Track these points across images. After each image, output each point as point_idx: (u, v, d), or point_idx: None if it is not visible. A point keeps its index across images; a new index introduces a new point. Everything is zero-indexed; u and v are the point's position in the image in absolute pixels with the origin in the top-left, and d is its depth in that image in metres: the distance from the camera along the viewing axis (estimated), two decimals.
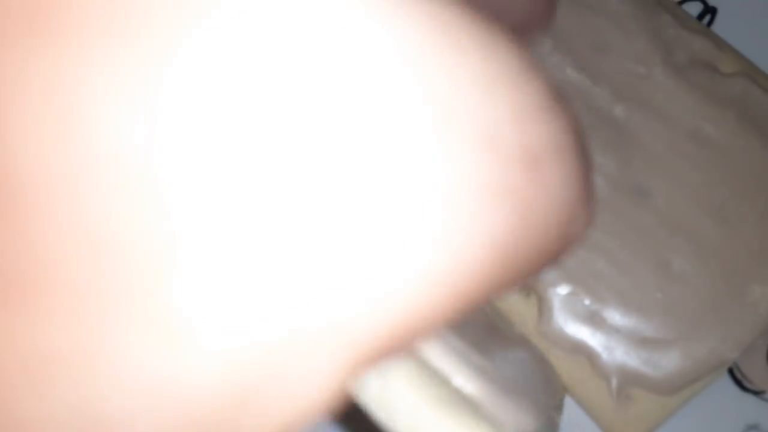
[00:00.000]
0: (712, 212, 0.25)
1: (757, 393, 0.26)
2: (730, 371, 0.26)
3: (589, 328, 0.25)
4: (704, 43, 0.26)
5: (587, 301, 0.25)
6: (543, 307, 0.25)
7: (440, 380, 0.13)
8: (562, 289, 0.25)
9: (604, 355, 0.25)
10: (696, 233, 0.25)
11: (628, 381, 0.25)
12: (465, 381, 0.14)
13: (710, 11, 0.29)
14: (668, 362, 0.24)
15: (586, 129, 0.24)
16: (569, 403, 0.25)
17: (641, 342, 0.24)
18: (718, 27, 0.28)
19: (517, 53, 0.08)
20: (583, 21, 0.27)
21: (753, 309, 0.24)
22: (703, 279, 0.24)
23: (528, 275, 0.09)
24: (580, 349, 0.25)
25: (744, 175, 0.25)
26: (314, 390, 0.08)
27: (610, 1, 0.27)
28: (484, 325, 0.18)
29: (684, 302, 0.24)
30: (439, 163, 0.07)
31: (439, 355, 0.14)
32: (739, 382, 0.26)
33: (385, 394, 0.13)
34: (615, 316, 0.25)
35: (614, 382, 0.25)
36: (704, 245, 0.25)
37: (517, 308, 0.26)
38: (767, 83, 0.26)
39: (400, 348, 0.09)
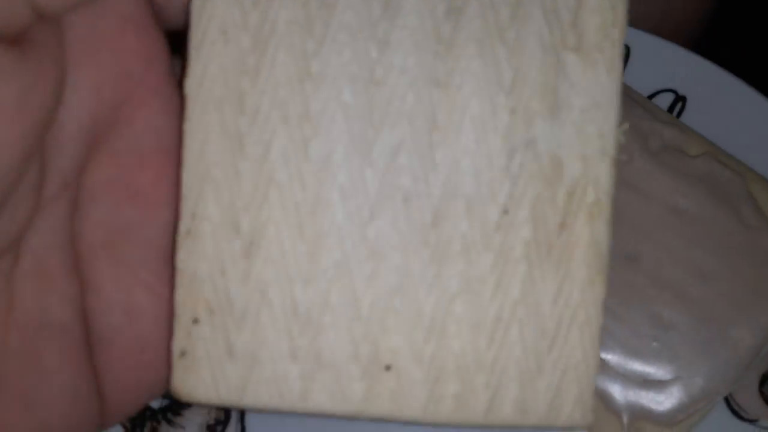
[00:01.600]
0: (693, 271, 0.30)
1: (752, 421, 0.30)
2: (727, 402, 0.30)
3: (600, 373, 0.30)
4: (673, 131, 0.32)
5: None
6: None
7: None
8: None
9: (615, 395, 0.30)
10: (681, 289, 0.30)
11: (637, 416, 0.29)
12: None
13: (681, 99, 0.34)
14: (668, 399, 0.29)
15: None
16: None
17: (644, 383, 0.29)
18: (688, 112, 0.34)
19: None
20: None
21: (734, 349, 0.29)
22: (690, 327, 0.29)
23: None
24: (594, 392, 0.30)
25: (716, 238, 0.30)
26: None
27: None
28: None
29: (676, 348, 0.29)
30: None
31: None
32: (735, 412, 0.30)
33: None
34: (620, 363, 0.30)
35: (625, 418, 0.29)
36: (689, 299, 0.30)
37: None
38: (728, 160, 0.31)
39: None
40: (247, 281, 0.20)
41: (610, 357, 0.30)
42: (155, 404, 0.30)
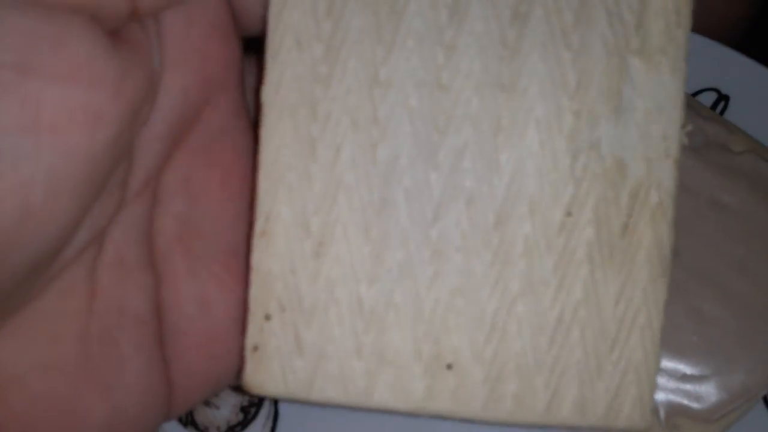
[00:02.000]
0: (734, 266, 0.30)
1: None
2: (765, 401, 0.31)
3: None
4: (717, 128, 0.32)
5: None
6: None
7: None
8: None
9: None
10: (721, 284, 0.30)
11: (674, 412, 0.29)
12: None
13: (724, 98, 0.34)
14: (707, 395, 0.29)
15: None
16: None
17: (682, 378, 0.29)
18: (730, 111, 0.34)
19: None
20: None
21: None
22: (730, 322, 0.30)
23: None
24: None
25: (758, 233, 0.30)
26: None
27: None
28: None
29: (716, 342, 0.29)
30: None
31: None
32: None
33: None
34: None
35: (662, 413, 0.30)
36: (729, 293, 0.30)
37: None
38: None
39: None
40: (316, 280, 0.21)
41: None
42: None
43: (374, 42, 0.21)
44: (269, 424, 0.30)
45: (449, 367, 0.21)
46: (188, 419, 0.29)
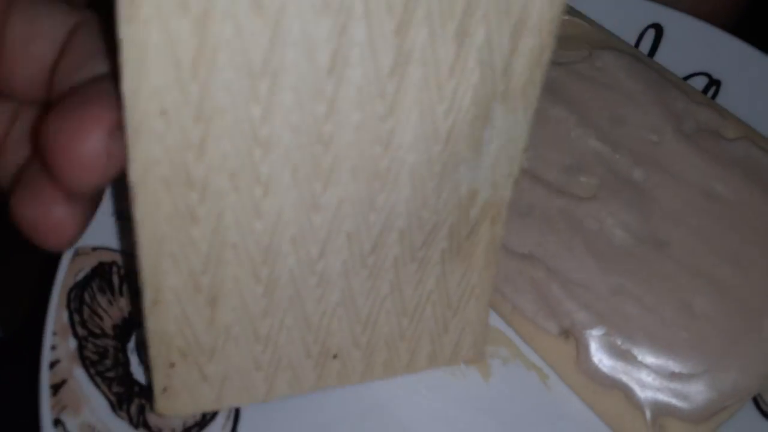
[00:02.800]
0: (726, 258, 0.28)
1: None
2: (755, 401, 0.29)
3: (623, 365, 0.28)
4: (709, 113, 0.30)
5: (620, 341, 0.28)
6: (580, 348, 0.28)
7: None
8: (597, 331, 0.28)
9: (638, 390, 0.28)
10: (713, 277, 0.28)
11: (661, 412, 0.27)
12: None
13: (715, 83, 0.33)
14: (696, 394, 0.27)
15: (609, 191, 0.30)
16: None
17: (670, 376, 0.27)
18: (722, 96, 0.32)
19: None
20: (602, 98, 0.31)
21: None
22: (722, 317, 0.28)
23: None
24: (616, 385, 0.28)
25: (752, 224, 0.28)
26: None
27: (624, 79, 0.31)
28: None
29: (707, 339, 0.28)
30: None
31: None
32: (763, 412, 0.29)
33: None
34: (645, 354, 0.28)
35: (648, 413, 0.28)
36: (721, 287, 0.28)
37: (557, 349, 0.29)
38: (767, 145, 0.30)
39: None
40: (212, 326, 0.23)
41: (635, 347, 0.28)
42: (145, 381, 0.28)
43: (251, 101, 0.19)
44: (229, 425, 0.27)
45: (335, 356, 0.26)
46: (140, 420, 0.27)
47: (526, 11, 0.21)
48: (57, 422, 0.25)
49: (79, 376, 0.26)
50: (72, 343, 0.27)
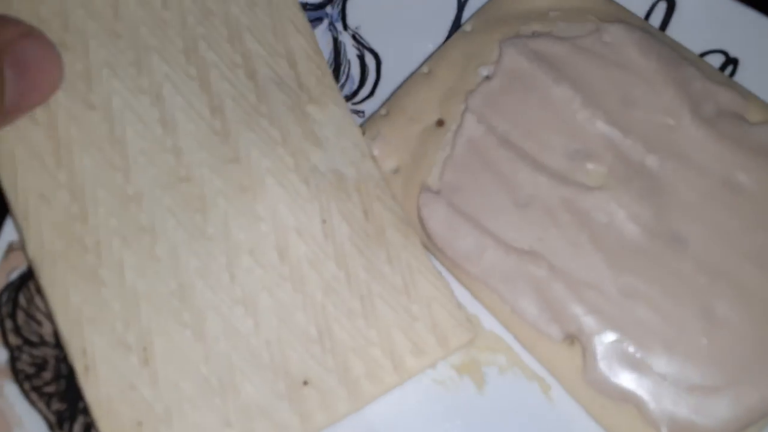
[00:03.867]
0: (751, 257, 0.25)
1: None
2: None
3: (636, 375, 0.25)
4: (730, 94, 0.27)
5: (632, 349, 0.25)
6: (587, 356, 0.25)
7: None
8: (606, 337, 0.25)
9: (653, 403, 0.25)
10: (737, 278, 0.25)
11: (678, 428, 0.25)
12: None
13: (732, 62, 0.30)
14: (718, 409, 0.24)
15: (619, 180, 0.26)
16: None
17: (689, 389, 0.25)
18: (740, 77, 0.29)
19: None
20: (610, 76, 0.28)
21: None
22: (747, 324, 0.25)
23: None
24: (627, 398, 0.25)
25: None
26: None
27: (635, 56, 0.28)
28: None
29: (730, 347, 0.25)
30: None
31: None
32: None
33: None
34: (661, 363, 0.25)
35: (664, 430, 0.25)
36: (746, 290, 0.25)
37: (561, 357, 0.26)
38: None
39: None
40: (156, 384, 0.23)
41: (648, 356, 0.25)
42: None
43: (110, 170, 0.25)
44: None
45: (305, 383, 0.24)
46: None
47: (289, 46, 0.29)
48: None
49: (10, 393, 0.22)
50: (2, 355, 0.23)
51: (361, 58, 0.32)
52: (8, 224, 0.25)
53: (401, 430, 0.26)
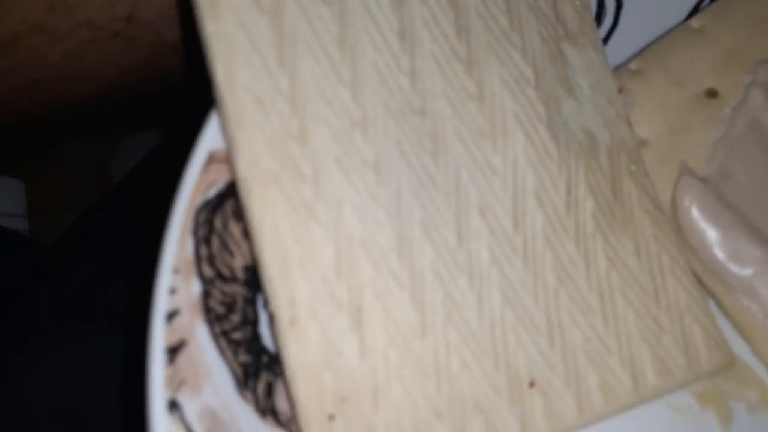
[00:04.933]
0: None
1: None
2: None
3: None
4: None
5: None
6: None
7: None
8: None
9: None
10: None
11: None
12: None
13: None
14: None
15: None
16: None
17: None
18: None
19: None
20: None
21: None
22: None
23: None
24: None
25: None
26: None
27: None
28: None
29: None
30: None
31: None
32: None
33: None
34: None
35: None
36: None
37: None
38: None
39: None
40: (365, 355, 0.19)
41: None
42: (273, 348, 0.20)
43: (337, 84, 0.20)
44: None
45: (531, 384, 0.20)
46: (267, 405, 0.20)
47: None
48: (173, 405, 0.17)
49: (201, 336, 0.18)
50: (196, 288, 0.19)
51: None
52: (211, 127, 0.20)
53: None
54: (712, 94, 0.24)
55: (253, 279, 0.20)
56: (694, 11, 0.26)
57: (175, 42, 0.28)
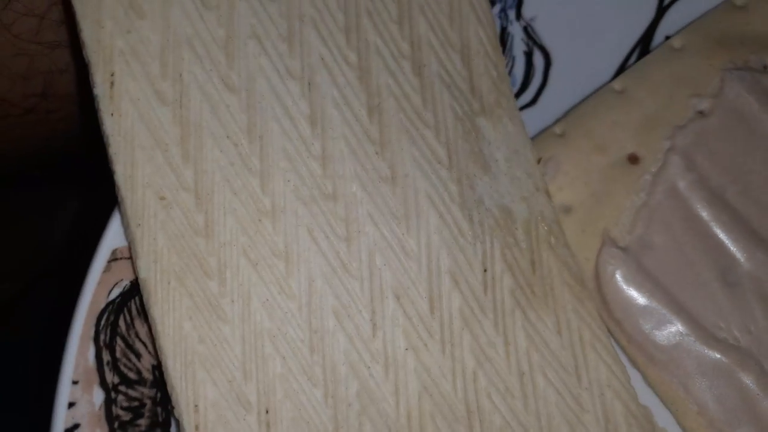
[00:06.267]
0: None
1: None
2: None
3: None
4: None
5: None
6: None
7: None
8: None
9: None
10: None
11: None
12: None
13: None
14: None
15: None
16: None
17: None
18: None
19: None
20: None
21: None
22: None
23: None
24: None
25: None
26: None
27: None
28: None
29: None
30: None
31: None
32: None
33: None
34: None
35: None
36: None
37: None
38: None
39: None
40: None
41: None
42: None
43: (245, 174, 0.20)
44: None
45: None
46: None
47: (466, 38, 0.23)
48: None
49: None
50: (98, 397, 0.18)
51: (529, 55, 0.27)
52: (114, 224, 0.20)
53: None
54: (633, 159, 0.24)
55: (163, 378, 0.20)
56: (623, 68, 0.26)
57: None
